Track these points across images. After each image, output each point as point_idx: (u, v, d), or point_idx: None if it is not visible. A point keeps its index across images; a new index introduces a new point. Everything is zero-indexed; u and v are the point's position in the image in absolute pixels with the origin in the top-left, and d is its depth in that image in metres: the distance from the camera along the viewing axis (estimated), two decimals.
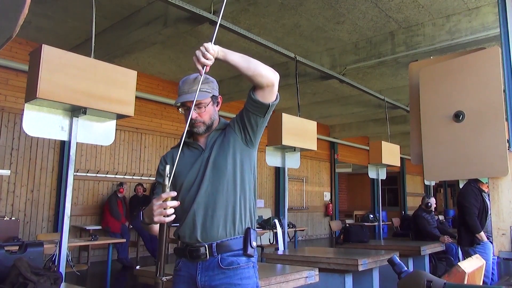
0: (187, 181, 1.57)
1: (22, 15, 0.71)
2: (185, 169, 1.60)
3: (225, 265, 1.49)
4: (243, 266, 1.51)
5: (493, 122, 1.92)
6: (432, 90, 2.17)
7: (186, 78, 1.60)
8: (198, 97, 1.49)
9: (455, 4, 5.15)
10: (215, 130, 1.65)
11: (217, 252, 1.50)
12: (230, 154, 1.58)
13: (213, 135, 1.64)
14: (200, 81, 1.47)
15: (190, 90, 1.54)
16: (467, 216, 4.00)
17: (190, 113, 1.50)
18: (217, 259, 1.50)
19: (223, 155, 1.57)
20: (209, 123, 1.61)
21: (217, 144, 1.61)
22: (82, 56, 2.32)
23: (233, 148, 1.59)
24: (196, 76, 1.56)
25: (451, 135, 2.06)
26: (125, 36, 5.67)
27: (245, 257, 1.53)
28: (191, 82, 1.56)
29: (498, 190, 1.96)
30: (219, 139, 1.63)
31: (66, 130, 2.38)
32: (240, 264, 1.51)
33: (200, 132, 1.61)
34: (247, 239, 1.53)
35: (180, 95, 1.57)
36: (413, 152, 2.28)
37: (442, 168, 2.11)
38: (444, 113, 2.09)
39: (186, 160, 1.62)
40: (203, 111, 1.59)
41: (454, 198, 19.40)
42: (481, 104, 1.97)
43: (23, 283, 1.70)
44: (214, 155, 1.58)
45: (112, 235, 6.71)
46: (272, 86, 1.49)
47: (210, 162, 1.57)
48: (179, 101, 1.56)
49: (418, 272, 1.07)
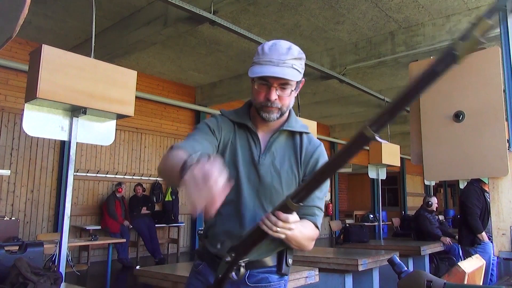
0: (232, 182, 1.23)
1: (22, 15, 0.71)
2: (236, 163, 1.27)
3: (252, 283, 1.26)
4: (274, 285, 1.28)
5: (493, 122, 1.92)
6: (432, 90, 2.17)
7: (276, 44, 1.22)
8: (288, 75, 1.17)
9: (455, 4, 5.15)
10: (281, 132, 1.30)
11: (246, 268, 1.21)
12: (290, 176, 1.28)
13: (279, 137, 1.30)
14: (295, 55, 1.19)
15: (280, 62, 1.17)
16: (469, 216, 4.00)
17: (269, 91, 1.19)
18: (245, 275, 1.25)
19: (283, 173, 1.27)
20: (284, 111, 1.26)
21: (281, 154, 1.29)
22: (82, 56, 2.32)
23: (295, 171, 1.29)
24: (290, 45, 1.22)
25: (451, 135, 2.06)
26: (125, 36, 5.68)
27: (278, 275, 1.29)
28: (284, 53, 1.19)
29: (498, 190, 1.96)
30: (286, 147, 1.30)
31: (66, 130, 2.38)
32: (270, 282, 1.27)
33: (269, 119, 1.24)
34: (282, 255, 1.29)
35: (264, 64, 1.18)
36: (413, 152, 2.28)
37: (442, 168, 2.11)
38: (444, 113, 2.09)
39: (240, 149, 1.29)
40: (287, 94, 1.22)
41: (454, 198, 19.42)
42: (481, 104, 1.97)
43: (23, 283, 1.70)
44: (275, 169, 1.26)
45: (112, 235, 6.71)
46: None
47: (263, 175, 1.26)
48: (263, 72, 1.17)
49: (418, 272, 1.07)
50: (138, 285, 3.04)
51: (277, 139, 1.29)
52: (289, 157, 1.29)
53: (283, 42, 1.22)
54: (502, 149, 1.88)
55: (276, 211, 1.00)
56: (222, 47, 6.63)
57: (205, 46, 6.58)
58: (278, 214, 0.99)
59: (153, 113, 8.32)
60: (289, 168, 1.27)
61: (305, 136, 1.32)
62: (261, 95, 1.22)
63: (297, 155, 1.29)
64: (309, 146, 1.31)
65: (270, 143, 1.28)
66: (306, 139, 1.32)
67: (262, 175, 1.25)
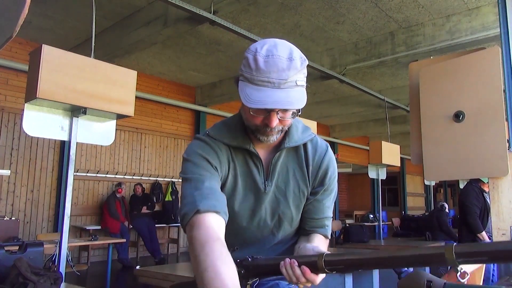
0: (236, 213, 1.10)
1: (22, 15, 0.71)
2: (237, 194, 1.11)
3: None
4: None
5: (493, 122, 1.92)
6: (432, 90, 2.17)
7: (273, 53, 0.94)
8: (294, 103, 0.95)
9: (455, 4, 5.15)
10: (283, 150, 1.11)
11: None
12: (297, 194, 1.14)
13: (281, 156, 1.12)
14: (298, 67, 0.95)
15: (282, 83, 0.93)
16: (469, 216, 4.00)
17: (268, 117, 0.98)
18: (253, 284, 1.12)
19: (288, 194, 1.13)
20: (285, 129, 1.07)
21: (284, 173, 1.13)
22: (82, 56, 2.32)
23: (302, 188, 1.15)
24: (290, 52, 0.96)
25: (451, 135, 2.06)
26: (125, 36, 5.67)
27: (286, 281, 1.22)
28: (285, 68, 0.93)
29: (498, 190, 1.96)
30: (289, 163, 1.13)
31: (66, 130, 2.38)
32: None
33: (269, 141, 1.05)
34: None
35: (261, 86, 0.93)
36: (413, 152, 2.28)
37: (442, 168, 2.11)
38: (444, 113, 2.09)
39: (241, 177, 1.11)
40: (289, 116, 1.01)
41: (454, 198, 19.43)
42: (481, 104, 1.97)
43: (23, 283, 1.70)
44: (280, 192, 1.12)
45: (112, 235, 6.71)
46: None
47: (270, 202, 1.12)
48: (265, 104, 0.92)
49: (418, 272, 1.07)
50: (138, 285, 3.04)
51: (279, 158, 1.12)
52: (294, 174, 1.13)
53: (281, 48, 0.96)
54: (502, 149, 1.88)
55: (303, 265, 0.90)
56: (222, 47, 6.62)
57: (205, 46, 6.58)
58: (304, 271, 0.90)
59: (153, 113, 8.32)
60: (295, 186, 1.12)
61: (309, 143, 1.15)
62: (258, 120, 1.00)
63: (303, 169, 1.13)
64: (315, 155, 1.14)
65: (273, 165, 1.11)
66: (311, 147, 1.15)
67: (269, 203, 1.12)
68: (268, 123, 0.98)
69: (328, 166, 1.15)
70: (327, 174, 1.14)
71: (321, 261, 0.86)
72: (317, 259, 0.87)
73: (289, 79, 0.93)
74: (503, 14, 2.15)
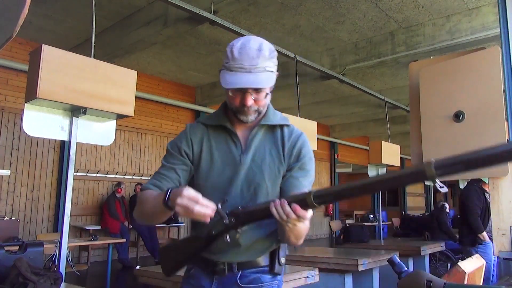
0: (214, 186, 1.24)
1: (22, 15, 0.71)
2: (215, 167, 1.25)
3: (245, 283, 1.25)
4: (267, 285, 1.27)
5: (493, 122, 1.92)
6: (432, 90, 2.17)
7: (245, 45, 1.15)
8: (263, 83, 1.15)
9: (455, 4, 5.15)
10: (260, 126, 1.27)
11: (237, 268, 1.25)
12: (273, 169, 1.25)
13: (257, 132, 1.27)
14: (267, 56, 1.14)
15: (252, 68, 1.13)
16: (470, 216, 4.00)
17: (243, 97, 1.17)
18: (236, 275, 1.25)
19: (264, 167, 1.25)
20: (261, 111, 1.24)
21: (261, 148, 1.26)
22: (82, 56, 2.31)
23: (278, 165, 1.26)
24: (260, 45, 1.16)
25: (451, 135, 2.06)
26: (125, 36, 5.67)
27: (271, 275, 1.28)
28: (255, 56, 1.13)
29: (498, 190, 1.96)
30: (265, 141, 1.28)
31: (66, 130, 2.38)
32: (263, 282, 1.26)
33: (248, 121, 1.23)
34: (275, 255, 1.29)
35: (236, 71, 1.13)
36: (413, 152, 2.28)
37: None
38: (444, 113, 2.09)
39: (217, 152, 1.26)
40: (263, 97, 1.19)
41: (454, 198, 19.43)
42: (481, 104, 1.97)
43: (23, 283, 1.70)
44: (256, 165, 1.24)
45: (112, 235, 6.71)
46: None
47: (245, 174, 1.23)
48: (236, 83, 1.13)
49: (418, 272, 1.07)
50: (138, 285, 3.03)
51: (256, 135, 1.27)
52: (270, 151, 1.26)
53: (253, 42, 1.16)
54: None
55: (293, 203, 0.99)
56: (222, 47, 6.62)
57: (205, 46, 6.58)
58: (295, 208, 0.98)
59: (153, 113, 8.32)
60: (271, 162, 1.25)
61: (285, 128, 1.30)
62: (236, 100, 1.19)
63: (278, 148, 1.27)
64: (291, 137, 1.28)
65: (250, 140, 1.26)
66: (287, 130, 1.30)
67: (245, 174, 1.23)
68: (244, 103, 1.17)
69: (303, 145, 1.28)
70: (301, 152, 1.27)
71: (310, 197, 0.94)
72: (306, 196, 0.95)
73: (258, 65, 1.13)
74: (503, 14, 2.15)
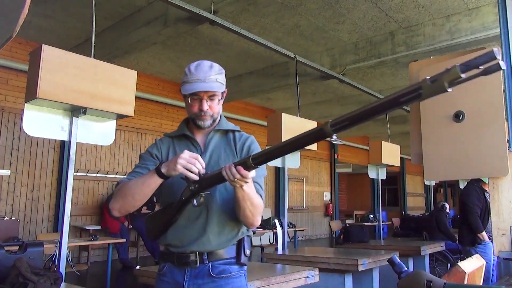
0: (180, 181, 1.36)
1: (22, 15, 0.71)
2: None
3: (216, 274, 1.42)
4: (235, 275, 1.44)
5: (493, 122, 1.92)
6: None
7: (200, 64, 1.46)
8: (216, 88, 1.43)
9: (455, 4, 5.15)
10: (215, 131, 1.53)
11: (208, 259, 1.42)
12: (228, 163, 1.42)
13: (213, 136, 1.52)
14: (217, 71, 1.45)
15: (206, 78, 1.42)
16: (470, 215, 4.00)
17: (200, 103, 1.43)
18: (207, 267, 1.41)
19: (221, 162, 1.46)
20: (216, 117, 1.50)
21: (217, 148, 1.51)
22: (82, 56, 2.31)
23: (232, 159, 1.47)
24: (211, 64, 1.47)
25: (451, 135, 2.06)
26: (125, 36, 5.67)
27: (238, 265, 1.46)
28: (207, 70, 1.43)
29: (498, 190, 1.96)
30: (221, 143, 1.52)
31: (66, 130, 2.38)
32: (232, 272, 1.44)
33: (205, 126, 1.48)
34: (240, 247, 1.47)
35: (193, 82, 1.42)
36: (413, 152, 2.27)
37: (442, 168, 2.11)
38: (444, 113, 2.09)
39: None
40: (216, 103, 1.48)
41: (454, 198, 19.44)
42: (481, 104, 1.97)
43: (23, 283, 1.70)
44: (214, 161, 1.48)
45: (112, 235, 6.71)
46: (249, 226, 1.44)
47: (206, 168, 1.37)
48: (194, 89, 1.41)
49: (418, 272, 1.07)
50: (138, 285, 3.03)
51: (213, 138, 1.52)
52: (225, 150, 1.51)
53: (206, 62, 1.47)
54: (502, 149, 1.88)
55: (237, 165, 1.20)
56: (222, 47, 6.63)
57: (205, 46, 6.58)
58: (239, 169, 1.19)
59: (153, 113, 8.32)
60: (226, 158, 1.48)
61: (237, 133, 1.56)
62: (195, 107, 1.45)
63: (231, 147, 1.52)
64: (241, 138, 1.54)
65: (207, 143, 1.51)
66: (238, 134, 1.56)
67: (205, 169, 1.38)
68: (201, 108, 1.44)
69: (252, 142, 1.53)
70: (251, 147, 1.51)
71: (249, 159, 1.17)
72: (247, 159, 1.18)
73: (211, 76, 1.43)
74: (503, 14, 2.15)
